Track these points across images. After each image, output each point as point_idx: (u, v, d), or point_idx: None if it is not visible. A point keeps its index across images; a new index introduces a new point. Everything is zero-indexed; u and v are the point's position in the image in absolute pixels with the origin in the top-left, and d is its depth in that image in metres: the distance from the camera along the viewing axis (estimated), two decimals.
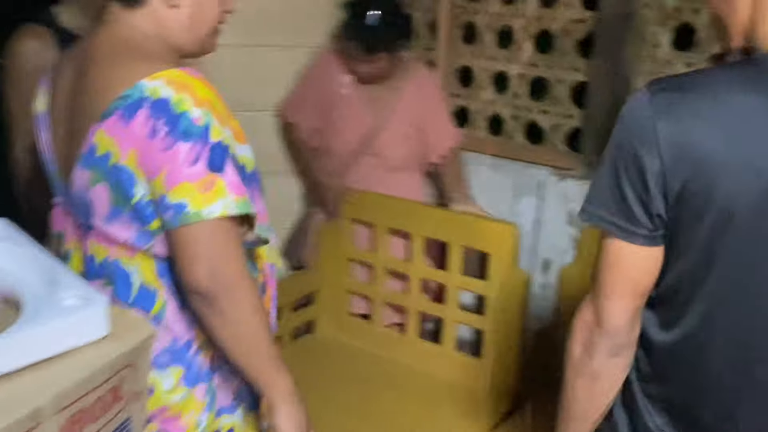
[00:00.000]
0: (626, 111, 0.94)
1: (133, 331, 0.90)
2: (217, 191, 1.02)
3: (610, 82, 2.06)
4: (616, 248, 0.96)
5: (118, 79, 1.05)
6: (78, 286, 0.89)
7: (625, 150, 0.92)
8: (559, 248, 2.15)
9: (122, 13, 1.11)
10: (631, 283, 0.97)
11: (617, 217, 0.94)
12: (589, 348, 1.02)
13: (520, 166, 2.27)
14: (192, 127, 1.01)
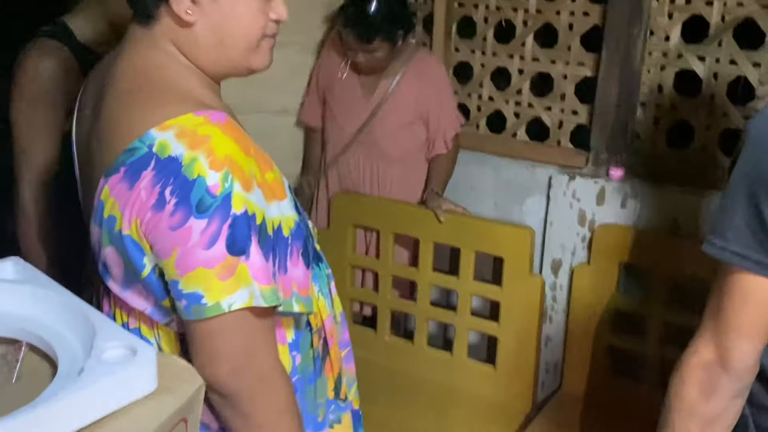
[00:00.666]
0: (760, 133, 0.86)
1: (183, 381, 0.80)
2: (239, 278, 0.85)
3: (619, 76, 2.00)
4: (752, 284, 0.88)
5: (127, 124, 0.88)
6: (118, 334, 0.78)
7: (766, 178, 0.84)
8: (569, 248, 2.09)
9: (140, 32, 0.94)
10: (766, 320, 0.90)
11: (759, 253, 0.87)
12: (709, 391, 0.94)
13: (525, 165, 2.20)
14: (207, 199, 0.83)
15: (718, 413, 0.95)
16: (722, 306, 0.91)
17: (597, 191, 2.03)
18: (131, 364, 0.75)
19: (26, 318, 0.83)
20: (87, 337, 0.78)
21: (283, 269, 0.94)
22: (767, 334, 0.91)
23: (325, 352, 1.08)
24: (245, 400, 0.91)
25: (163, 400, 0.76)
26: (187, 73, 0.95)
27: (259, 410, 0.93)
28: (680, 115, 1.98)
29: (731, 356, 0.91)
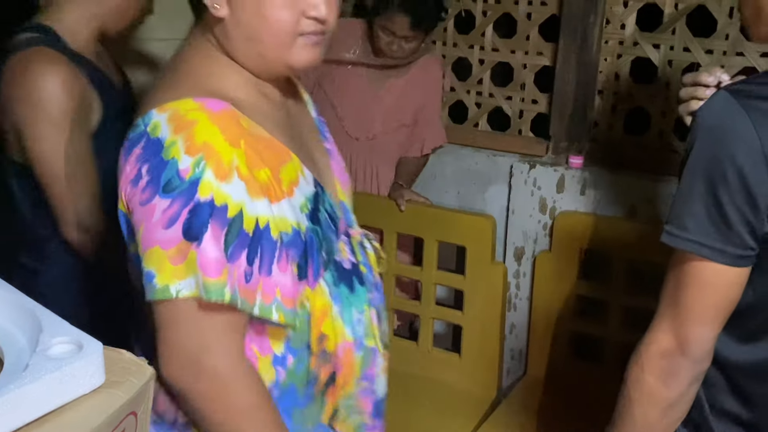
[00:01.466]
0: (715, 122, 0.86)
1: (131, 375, 0.79)
2: (189, 265, 0.84)
3: (576, 65, 2.02)
4: (710, 272, 0.89)
5: (143, 104, 0.92)
6: (64, 329, 0.78)
7: (725, 166, 0.85)
8: (531, 236, 2.11)
9: (194, 29, 0.98)
10: (723, 307, 0.91)
11: (717, 241, 0.87)
12: (668, 377, 0.95)
13: (486, 155, 2.22)
14: (175, 180, 0.84)
15: (677, 398, 0.96)
16: (680, 294, 0.92)
17: (557, 179, 2.05)
18: (77, 359, 0.74)
19: None
20: (33, 333, 0.78)
21: (266, 271, 0.88)
22: (724, 319, 0.93)
23: (330, 381, 1.00)
24: (198, 399, 0.89)
25: (110, 393, 0.76)
26: (221, 64, 0.95)
27: (216, 410, 0.89)
28: (637, 103, 2.01)
29: (690, 343, 0.93)
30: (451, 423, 1.93)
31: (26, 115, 1.30)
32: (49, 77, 1.29)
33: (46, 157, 1.31)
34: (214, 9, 0.91)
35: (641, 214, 1.96)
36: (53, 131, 1.30)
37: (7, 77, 1.31)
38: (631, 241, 1.92)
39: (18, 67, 1.31)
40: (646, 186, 1.96)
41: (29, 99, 1.29)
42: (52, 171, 1.31)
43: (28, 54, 1.31)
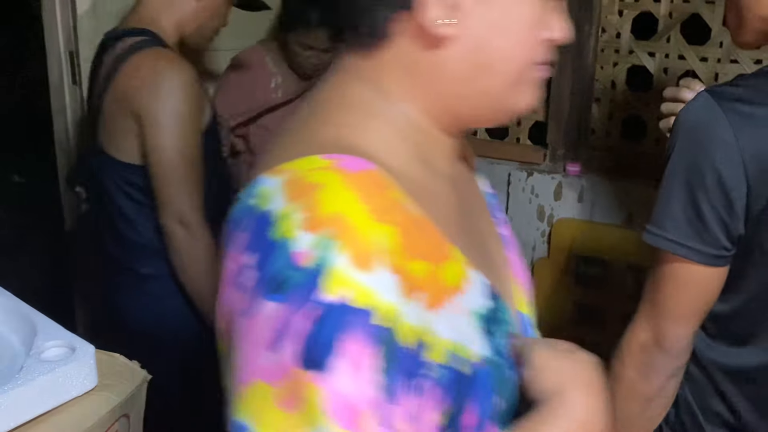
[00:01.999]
0: (695, 124, 0.88)
1: (123, 379, 0.81)
2: (309, 412, 0.51)
3: (572, 74, 2.04)
4: (686, 271, 0.92)
5: (258, 166, 0.62)
6: (58, 334, 0.80)
7: (703, 169, 0.87)
8: (530, 243, 2.13)
9: (353, 62, 0.65)
10: (699, 305, 0.94)
11: (694, 241, 0.90)
12: (646, 371, 0.97)
13: (485, 163, 2.23)
14: (288, 272, 0.53)
15: (656, 392, 0.99)
16: (658, 291, 0.95)
17: (554, 186, 2.07)
18: (69, 362, 0.76)
19: None
20: (27, 337, 0.80)
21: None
22: (701, 317, 0.95)
23: None
24: None
25: (102, 396, 0.78)
26: (373, 111, 0.64)
27: None
28: (633, 110, 2.02)
29: (667, 338, 0.95)
30: None
31: (154, 107, 1.37)
32: (177, 74, 1.38)
33: (168, 147, 1.37)
34: (438, 27, 0.60)
35: (638, 220, 1.97)
36: (178, 124, 1.37)
37: (131, 73, 1.39)
38: (629, 248, 1.93)
39: (145, 64, 1.39)
40: (644, 193, 1.96)
41: (158, 93, 1.37)
42: (171, 162, 1.37)
43: (153, 53, 1.40)
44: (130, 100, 1.39)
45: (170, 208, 1.39)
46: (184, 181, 1.38)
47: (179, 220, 1.39)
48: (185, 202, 1.38)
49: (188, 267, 1.41)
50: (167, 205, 1.39)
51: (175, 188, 1.38)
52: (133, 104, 1.39)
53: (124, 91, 1.41)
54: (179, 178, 1.38)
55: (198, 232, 1.40)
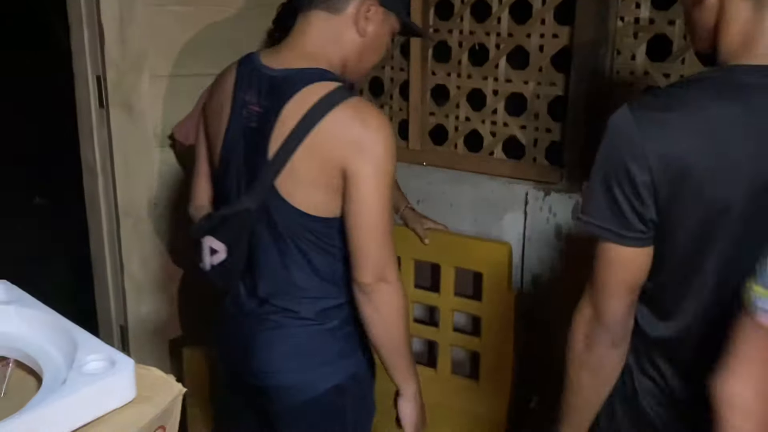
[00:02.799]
0: (612, 129, 1.04)
1: (161, 391, 0.84)
2: None
3: (587, 95, 2.07)
4: (612, 252, 1.06)
5: None
6: (98, 348, 0.83)
7: (615, 165, 1.03)
8: (547, 263, 2.14)
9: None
10: (627, 281, 1.08)
11: (613, 225, 1.04)
12: (589, 342, 1.12)
13: (502, 182, 2.26)
14: None
15: (599, 361, 1.13)
16: (595, 271, 1.10)
17: (572, 205, 2.09)
18: (110, 375, 0.79)
19: (13, 336, 0.88)
20: (69, 351, 0.83)
21: None
22: (630, 293, 1.09)
23: None
24: None
25: (141, 408, 0.81)
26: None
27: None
28: None
29: (603, 313, 1.10)
30: None
31: (369, 165, 1.31)
32: (389, 130, 1.34)
33: (375, 207, 1.32)
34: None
35: None
36: (388, 184, 1.34)
37: (333, 128, 1.31)
38: None
39: (357, 117, 1.32)
40: None
41: (375, 150, 1.31)
42: (377, 221, 1.33)
43: (360, 105, 1.34)
44: (331, 161, 1.33)
45: (367, 267, 1.35)
46: (383, 239, 1.35)
47: (375, 276, 1.35)
48: (379, 259, 1.35)
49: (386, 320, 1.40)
50: (364, 264, 1.35)
51: (376, 248, 1.34)
52: (335, 165, 1.33)
53: (330, 146, 1.32)
54: (380, 236, 1.34)
55: (400, 288, 1.39)
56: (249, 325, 1.46)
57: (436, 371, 2.18)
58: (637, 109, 1.02)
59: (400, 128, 2.48)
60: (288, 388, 1.41)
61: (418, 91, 2.39)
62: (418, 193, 2.37)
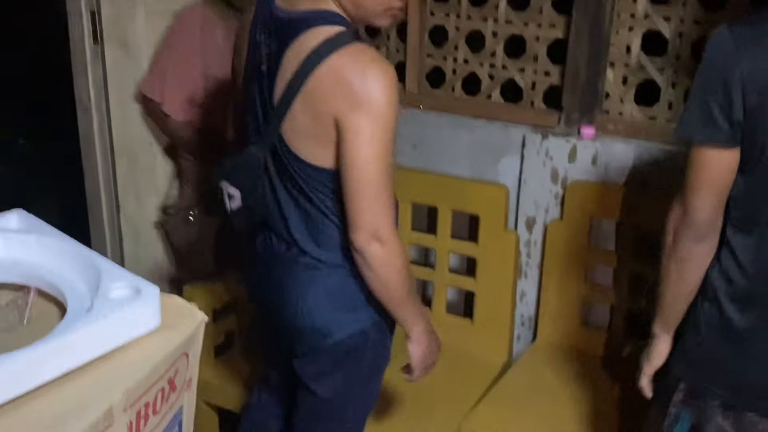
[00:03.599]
0: (710, 45, 1.19)
1: (185, 318, 0.86)
2: None
3: (588, 38, 2.06)
4: (702, 154, 1.20)
5: None
6: (123, 275, 0.84)
7: (712, 76, 1.17)
8: (543, 206, 2.17)
9: None
10: (714, 181, 1.20)
11: (704, 128, 1.18)
12: (677, 237, 1.27)
13: (499, 126, 2.26)
14: None
15: (687, 255, 1.27)
16: (686, 174, 1.23)
17: (569, 149, 2.10)
18: (136, 302, 0.80)
19: (34, 265, 0.88)
20: (93, 279, 0.84)
21: None
22: (716, 193, 1.21)
23: None
24: None
25: (166, 335, 0.82)
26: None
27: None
28: (648, 75, 2.05)
29: (689, 209, 1.23)
30: (463, 386, 2.00)
31: (362, 120, 1.24)
32: (389, 81, 1.25)
33: (370, 162, 1.26)
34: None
35: (651, 183, 2.02)
36: (386, 138, 1.27)
37: (330, 77, 1.25)
38: (640, 211, 1.97)
39: (347, 69, 1.24)
40: (657, 156, 2.00)
41: (371, 102, 1.23)
42: (371, 177, 1.27)
43: (359, 53, 1.26)
44: (326, 111, 1.27)
45: (363, 226, 1.30)
46: (380, 196, 1.29)
47: (373, 237, 1.30)
48: (378, 218, 1.30)
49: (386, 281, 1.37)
50: (360, 223, 1.30)
51: (371, 204, 1.28)
52: (328, 115, 1.28)
53: (324, 96, 1.27)
54: (376, 193, 1.28)
55: (396, 248, 1.34)
56: (281, 267, 1.47)
57: (431, 310, 2.22)
58: (734, 27, 1.16)
59: (397, 70, 2.45)
60: (318, 330, 1.43)
61: (416, 32, 2.37)
62: (414, 138, 2.37)
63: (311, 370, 1.49)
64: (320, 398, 1.51)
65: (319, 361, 1.48)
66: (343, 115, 1.25)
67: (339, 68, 1.25)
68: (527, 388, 1.96)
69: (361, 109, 1.24)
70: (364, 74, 1.24)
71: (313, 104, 1.28)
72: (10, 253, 0.89)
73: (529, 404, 1.87)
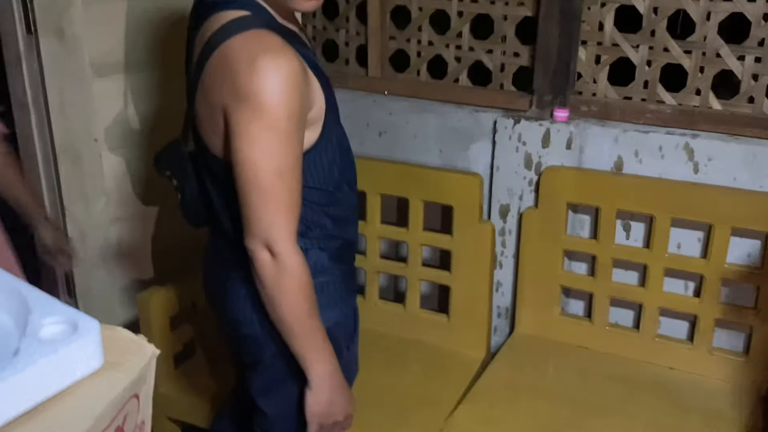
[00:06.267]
0: None
1: (132, 355, 0.73)
2: None
3: (559, 16, 1.96)
4: None
5: None
6: (55, 308, 0.71)
7: None
8: (516, 192, 2.07)
9: None
10: None
11: None
12: None
13: (468, 111, 2.16)
14: None
15: None
16: None
17: (542, 134, 2.01)
18: (72, 340, 0.67)
19: None
20: (19, 314, 0.71)
21: None
22: None
23: None
24: None
25: (111, 376, 0.69)
26: None
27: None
28: (622, 53, 1.96)
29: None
30: (442, 385, 1.91)
31: (244, 115, 1.10)
32: (281, 73, 1.09)
33: (255, 163, 1.11)
34: None
35: (627, 165, 1.94)
36: (272, 137, 1.11)
37: (219, 65, 1.12)
38: (617, 194, 1.90)
39: (235, 57, 1.10)
40: (633, 138, 1.93)
41: (250, 98, 1.09)
42: (257, 179, 1.12)
43: (246, 41, 1.11)
44: (215, 102, 1.15)
45: (252, 231, 1.15)
46: (270, 201, 1.14)
47: (263, 246, 1.15)
48: (269, 226, 1.14)
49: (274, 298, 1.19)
50: (249, 227, 1.16)
51: (260, 210, 1.14)
52: (218, 108, 1.15)
53: (212, 86, 1.15)
54: (265, 199, 1.13)
55: (288, 263, 1.16)
56: (218, 264, 1.35)
57: (404, 306, 2.11)
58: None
59: (358, 54, 2.33)
60: (254, 338, 1.29)
61: (377, 13, 2.24)
62: (379, 125, 2.25)
63: (258, 384, 1.34)
64: (269, 417, 1.35)
65: (263, 375, 1.32)
66: (229, 109, 1.11)
67: (228, 56, 1.11)
68: (509, 384, 1.87)
69: (244, 104, 1.09)
70: (252, 65, 1.08)
71: (205, 94, 1.17)
72: None
73: (512, 402, 1.79)
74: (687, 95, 1.91)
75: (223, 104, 1.12)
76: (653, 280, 1.90)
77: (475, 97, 2.17)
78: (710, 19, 1.82)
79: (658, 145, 1.90)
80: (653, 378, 1.86)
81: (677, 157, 1.89)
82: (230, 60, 1.11)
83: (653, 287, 1.90)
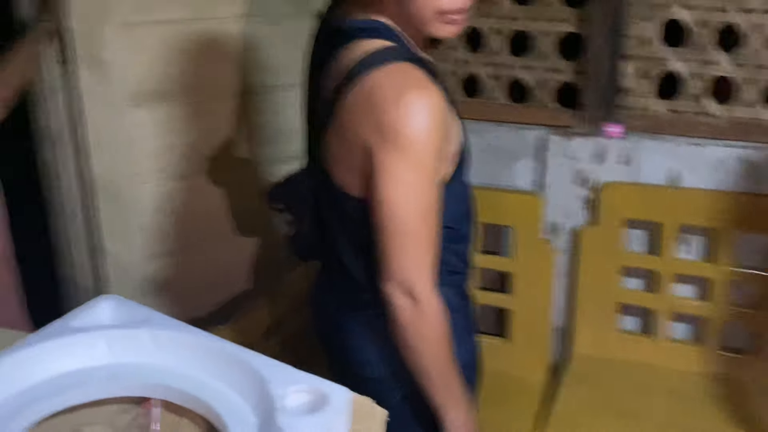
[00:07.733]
0: None
1: (367, 418, 0.66)
2: None
3: (606, 31, 1.95)
4: None
5: None
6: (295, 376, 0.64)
7: None
8: (568, 210, 2.04)
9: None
10: None
11: None
12: None
13: (509, 128, 2.12)
14: None
15: None
16: None
17: (594, 150, 1.98)
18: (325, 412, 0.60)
19: (153, 369, 0.66)
20: (248, 383, 0.63)
21: None
22: None
23: None
24: None
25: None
26: None
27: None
28: (669, 67, 1.96)
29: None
30: (510, 412, 1.85)
31: (389, 154, 1.03)
32: (429, 110, 1.02)
33: (399, 205, 1.04)
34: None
35: (685, 179, 1.93)
36: (418, 178, 1.04)
37: (362, 101, 1.05)
38: (678, 208, 1.88)
39: (380, 93, 1.03)
40: (687, 151, 1.92)
41: (398, 137, 1.02)
42: (400, 221, 1.05)
43: (391, 75, 1.04)
44: (356, 138, 1.08)
45: (389, 273, 1.08)
46: (411, 243, 1.07)
47: (400, 288, 1.08)
48: (407, 268, 1.07)
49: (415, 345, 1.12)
50: (386, 269, 1.09)
51: (400, 252, 1.07)
52: (359, 145, 1.08)
53: (353, 124, 1.08)
54: (405, 240, 1.06)
55: (429, 309, 1.09)
56: (336, 308, 1.27)
57: None
58: None
59: None
60: (383, 380, 1.22)
61: None
62: None
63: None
64: None
65: (391, 420, 1.25)
66: (372, 147, 1.05)
67: (371, 93, 1.04)
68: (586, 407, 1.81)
69: (391, 144, 1.02)
70: (399, 101, 1.01)
71: (343, 130, 1.10)
72: (118, 357, 0.66)
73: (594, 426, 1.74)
74: (736, 107, 1.91)
75: (365, 141, 1.05)
76: (716, 292, 1.88)
77: (515, 114, 2.14)
78: (761, 34, 1.83)
79: (714, 157, 1.90)
80: (713, 391, 1.84)
81: (733, 169, 1.88)
82: (374, 95, 1.03)
83: (718, 300, 1.88)
